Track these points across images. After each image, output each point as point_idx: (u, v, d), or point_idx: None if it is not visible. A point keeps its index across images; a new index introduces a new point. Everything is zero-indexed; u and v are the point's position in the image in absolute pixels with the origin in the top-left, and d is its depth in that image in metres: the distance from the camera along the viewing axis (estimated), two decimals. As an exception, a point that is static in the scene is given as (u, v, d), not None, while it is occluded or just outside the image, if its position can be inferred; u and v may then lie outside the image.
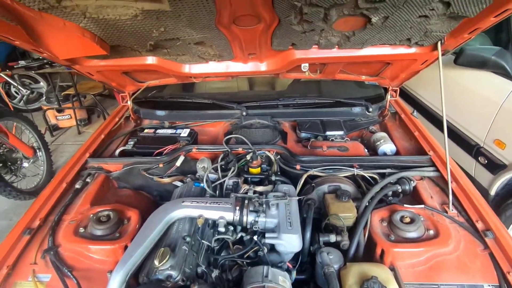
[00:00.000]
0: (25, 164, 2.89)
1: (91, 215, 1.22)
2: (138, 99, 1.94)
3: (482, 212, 1.14)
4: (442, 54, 1.27)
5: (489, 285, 0.98)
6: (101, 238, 1.16)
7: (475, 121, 2.15)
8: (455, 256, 1.05)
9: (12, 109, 3.64)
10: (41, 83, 4.84)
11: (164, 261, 1.04)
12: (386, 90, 1.90)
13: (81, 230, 1.19)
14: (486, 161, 2.02)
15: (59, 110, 4.11)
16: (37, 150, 2.98)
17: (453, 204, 1.20)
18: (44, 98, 4.57)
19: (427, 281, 1.01)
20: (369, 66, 1.61)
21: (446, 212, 1.19)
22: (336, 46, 1.28)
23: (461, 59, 2.10)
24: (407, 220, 1.15)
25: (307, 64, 1.43)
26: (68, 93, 4.08)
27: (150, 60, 1.38)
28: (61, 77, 4.30)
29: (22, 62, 3.58)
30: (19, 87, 3.94)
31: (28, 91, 4.53)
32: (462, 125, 2.27)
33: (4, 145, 2.57)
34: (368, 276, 0.98)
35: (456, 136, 2.28)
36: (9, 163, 2.66)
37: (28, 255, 1.11)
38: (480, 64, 2.02)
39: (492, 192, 2.00)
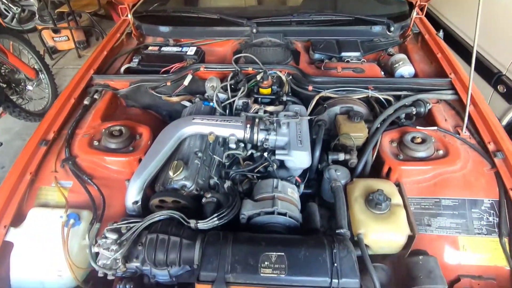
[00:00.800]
0: (29, 87, 2.84)
1: (104, 130, 1.23)
2: (139, 13, 1.79)
3: (496, 134, 1.13)
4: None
5: (489, 200, 1.03)
6: (115, 151, 1.19)
7: (501, 46, 1.98)
8: (461, 174, 1.08)
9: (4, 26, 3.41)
10: (32, 0, 4.45)
11: (178, 172, 1.09)
12: (411, 7, 1.71)
13: (95, 143, 1.22)
14: (505, 90, 1.94)
15: (55, 31, 3.86)
16: (39, 72, 2.89)
17: (467, 126, 1.19)
18: (37, 16, 4.26)
19: (430, 196, 1.06)
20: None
21: (459, 134, 1.18)
22: None
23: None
24: (419, 140, 1.15)
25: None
26: (62, 11, 3.77)
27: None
28: (52, -9, 3.92)
29: (7, -28, 3.22)
30: (9, 3, 3.65)
31: (19, 9, 4.21)
32: (486, 50, 2.11)
33: (4, 65, 2.48)
34: (374, 190, 1.02)
35: (477, 62, 2.14)
36: (13, 84, 2.62)
37: (48, 164, 1.16)
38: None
39: (504, 122, 1.97)
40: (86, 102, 1.38)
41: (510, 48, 1.91)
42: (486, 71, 2.10)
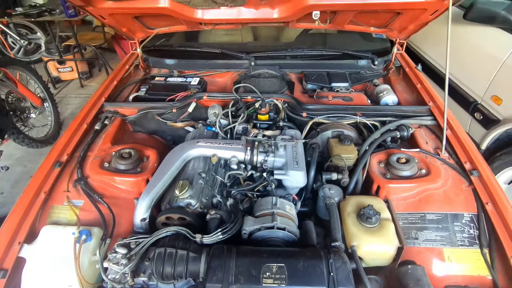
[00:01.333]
0: (32, 115, 2.95)
1: (114, 152, 1.33)
2: (147, 48, 1.96)
3: (471, 155, 1.26)
4: (453, 4, 1.29)
5: (468, 214, 1.13)
6: (124, 172, 1.28)
7: (476, 77, 2.20)
8: (442, 191, 1.19)
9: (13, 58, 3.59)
10: (38, 34, 4.70)
11: (184, 191, 1.17)
12: (392, 44, 1.92)
13: (106, 164, 1.31)
14: (481, 117, 2.12)
15: (60, 62, 4.05)
16: (44, 101, 3.02)
17: (445, 148, 1.32)
18: (42, 49, 4.47)
19: (416, 211, 1.16)
20: (378, 16, 1.61)
21: (439, 155, 1.31)
22: (349, -7, 1.30)
23: (470, 13, 2.08)
24: (403, 160, 1.27)
25: (318, 12, 1.45)
26: (68, 44, 3.99)
27: (163, 3, 1.39)
28: (59, 27, 4.16)
29: (19, 9, 3.45)
30: (16, 37, 3.85)
31: (26, 42, 4.42)
32: (463, 82, 2.33)
33: (12, 94, 2.60)
34: (365, 205, 1.12)
35: (455, 93, 2.35)
36: (18, 112, 2.72)
37: (61, 184, 1.24)
38: (489, 19, 2.02)
39: (483, 146, 2.12)
40: (97, 127, 1.49)
41: (483, 80, 2.12)
42: (464, 100, 2.29)
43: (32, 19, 3.43)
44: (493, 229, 1.07)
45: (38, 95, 2.88)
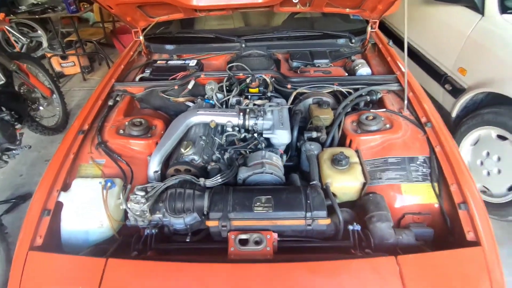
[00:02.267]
0: (41, 107, 3.17)
1: (128, 121, 1.56)
2: (148, 35, 2.18)
3: (427, 111, 1.50)
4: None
5: (422, 157, 1.38)
6: (137, 137, 1.52)
7: (445, 53, 2.43)
8: (402, 140, 1.43)
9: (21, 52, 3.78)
10: (39, 32, 4.89)
11: (188, 149, 1.41)
12: (368, 23, 2.15)
13: (121, 131, 1.54)
14: (450, 88, 2.36)
15: (63, 57, 4.26)
16: (52, 92, 3.24)
17: (407, 107, 1.56)
18: (44, 46, 4.67)
19: (380, 156, 1.41)
20: (351, -2, 1.84)
21: (401, 113, 1.55)
22: (321, -23, 1.52)
23: (438, -6, 2.31)
24: (371, 118, 1.51)
25: (297, -4, 1.67)
26: (70, 40, 4.20)
27: (163, -8, 1.61)
28: (60, 24, 4.36)
29: (23, 7, 3.65)
30: (19, 35, 4.04)
31: (28, 40, 4.61)
32: (435, 58, 2.56)
33: (24, 85, 2.82)
34: (337, 153, 1.36)
35: (429, 67, 2.59)
36: (30, 102, 2.94)
37: (85, 148, 1.48)
38: (454, -2, 2.25)
39: (454, 114, 2.36)
40: (110, 103, 1.72)
41: (451, 54, 2.35)
42: (436, 74, 2.53)
43: (36, 16, 3.64)
44: (440, 166, 1.31)
45: (48, 87, 3.10)
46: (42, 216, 1.20)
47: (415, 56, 2.77)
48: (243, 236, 1.12)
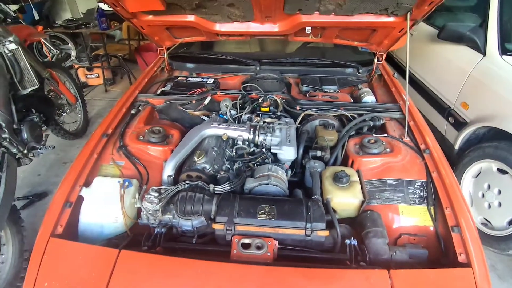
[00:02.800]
0: (64, 113, 3.38)
1: (147, 129, 1.71)
2: (172, 54, 2.38)
3: (426, 139, 1.59)
4: (412, 24, 1.68)
5: (420, 181, 1.46)
6: (155, 143, 1.65)
7: (449, 87, 2.55)
8: (401, 164, 1.52)
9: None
10: (69, 44, 5.27)
11: (201, 157, 1.54)
12: (375, 55, 2.31)
13: (141, 137, 1.68)
14: (453, 121, 2.45)
15: (89, 69, 4.56)
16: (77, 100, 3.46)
17: (407, 134, 1.66)
18: (72, 58, 5.01)
19: (380, 178, 1.49)
20: (359, 32, 2.01)
21: (402, 139, 1.65)
22: (333, 13, 1.69)
23: (443, 33, 2.47)
24: (372, 141, 1.61)
25: (310, 28, 1.85)
26: (97, 54, 4.52)
27: (190, 18, 1.80)
28: (90, 39, 4.71)
29: (60, 22, 3.99)
30: (51, 46, 4.39)
31: (58, 51, 4.97)
32: (439, 92, 2.68)
33: (53, 91, 3.05)
34: (339, 171, 1.46)
35: (433, 101, 2.71)
36: (56, 107, 3.15)
37: (107, 149, 1.61)
38: (458, 38, 2.40)
39: (456, 146, 2.44)
40: (133, 111, 1.88)
41: (454, 89, 2.48)
42: (440, 107, 2.64)
43: (71, 31, 3.97)
44: (436, 191, 1.39)
45: (73, 95, 3.33)
46: (65, 207, 1.32)
47: (421, 89, 2.90)
48: (246, 241, 1.21)
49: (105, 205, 1.37)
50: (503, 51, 2.19)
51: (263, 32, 1.91)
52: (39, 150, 2.16)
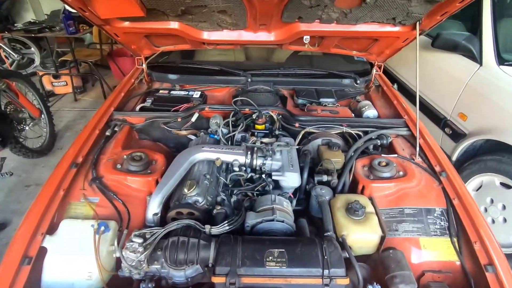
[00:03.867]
0: (27, 126, 3.00)
1: (126, 155, 1.45)
2: (151, 64, 2.12)
3: (440, 159, 1.47)
4: (420, 34, 1.55)
5: (439, 208, 1.32)
6: (136, 173, 1.40)
7: (445, 97, 2.49)
8: (417, 189, 1.38)
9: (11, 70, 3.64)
10: (32, 49, 4.78)
11: (192, 189, 1.31)
12: (371, 66, 2.18)
13: (118, 166, 1.42)
14: (450, 132, 2.38)
15: (55, 76, 4.14)
16: (41, 112, 3.08)
17: (419, 154, 1.53)
18: (36, 63, 4.55)
19: (395, 206, 1.34)
20: (359, 42, 1.87)
21: (413, 160, 1.51)
22: (335, 21, 1.53)
23: (437, 42, 2.40)
24: (384, 164, 1.46)
25: (308, 37, 1.67)
26: (65, 59, 4.10)
27: (173, 25, 1.57)
28: (56, 43, 4.28)
29: (19, 25, 3.56)
30: (10, 51, 3.94)
31: (20, 56, 4.49)
32: (434, 101, 2.62)
33: (11, 104, 2.67)
34: (352, 201, 1.29)
35: (428, 111, 2.64)
36: (16, 123, 2.77)
37: (77, 183, 1.34)
38: (453, 47, 2.34)
39: (454, 158, 2.37)
40: (107, 133, 1.61)
41: (450, 99, 2.41)
42: (435, 117, 2.58)
43: (32, 35, 3.55)
44: (460, 220, 1.25)
45: (37, 107, 2.95)
46: (22, 265, 1.04)
47: (413, 97, 2.82)
48: (254, 297, 1.00)
49: (76, 257, 1.11)
50: (500, 61, 2.14)
51: (256, 41, 1.72)
52: (-8, 179, 1.82)
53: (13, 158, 2.86)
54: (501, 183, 2.01)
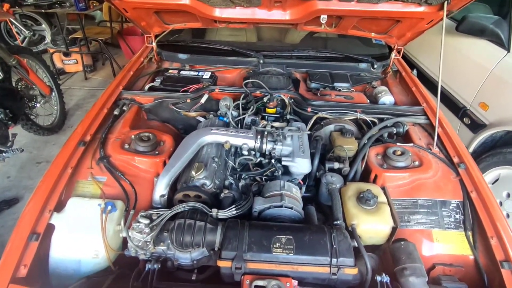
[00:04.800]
0: (38, 104, 3.00)
1: (134, 135, 1.43)
2: (161, 42, 2.06)
3: (459, 150, 1.40)
4: (447, 15, 1.44)
5: (455, 201, 1.26)
6: (143, 153, 1.38)
7: (466, 85, 2.37)
8: (433, 181, 1.32)
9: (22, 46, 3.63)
10: (43, 25, 4.75)
11: (200, 172, 1.28)
12: (390, 50, 2.07)
13: (126, 146, 1.40)
14: (469, 122, 2.28)
15: (66, 54, 4.11)
16: (51, 90, 3.08)
17: (436, 144, 1.46)
18: (47, 41, 4.53)
19: (409, 197, 1.29)
20: (379, 23, 1.76)
21: (430, 149, 1.45)
22: (355, 0, 1.43)
23: (462, 26, 2.26)
24: (398, 153, 1.40)
25: (325, 16, 1.58)
26: (75, 37, 4.06)
27: (184, 0, 1.50)
28: (67, 20, 4.23)
29: (30, 0, 3.51)
30: (21, 27, 3.91)
31: (31, 33, 4.47)
32: (453, 89, 2.49)
33: (22, 81, 2.67)
34: (364, 190, 1.24)
35: (447, 99, 2.52)
36: (27, 100, 2.78)
37: (84, 162, 1.33)
38: (479, 31, 2.19)
39: (471, 149, 2.28)
40: (116, 112, 1.58)
41: (471, 88, 2.29)
42: (453, 106, 2.46)
43: (43, 10, 3.50)
44: (476, 214, 1.20)
45: (47, 84, 2.95)
46: (30, 241, 1.05)
47: (432, 85, 2.70)
48: (260, 283, 0.98)
49: (82, 235, 1.11)
50: (530, 47, 2.01)
51: (270, 20, 1.64)
52: (4, 154, 1.84)
53: (25, 135, 2.89)
54: (520, 177, 1.93)
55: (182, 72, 1.95)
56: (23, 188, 2.44)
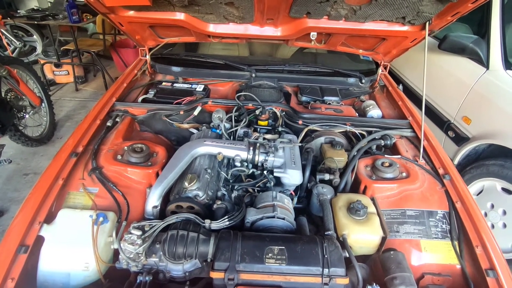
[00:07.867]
0: (27, 114, 2.97)
1: (126, 146, 1.43)
2: (155, 55, 2.10)
3: (444, 162, 1.45)
4: (429, 34, 1.53)
5: (441, 211, 1.31)
6: (136, 164, 1.38)
7: (449, 100, 2.47)
8: (420, 191, 1.36)
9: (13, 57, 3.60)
10: (34, 36, 4.74)
11: (192, 183, 1.29)
12: (377, 66, 2.16)
13: (119, 157, 1.40)
14: (453, 135, 2.37)
15: (57, 65, 4.10)
16: (41, 101, 3.05)
17: (422, 156, 1.51)
18: (37, 51, 4.51)
19: (397, 207, 1.33)
20: (367, 40, 1.84)
21: (417, 161, 1.50)
22: (343, 18, 1.50)
23: (444, 44, 2.38)
24: (387, 164, 1.44)
25: (315, 33, 1.65)
26: (67, 48, 4.06)
27: (179, 16, 1.54)
28: (59, 31, 4.24)
29: (22, 12, 3.52)
30: (12, 38, 3.90)
31: (21, 43, 4.46)
32: (438, 104, 2.60)
33: (12, 92, 2.64)
34: (354, 201, 1.27)
35: (431, 113, 2.62)
36: (16, 110, 2.75)
37: (77, 173, 1.32)
38: (460, 50, 2.31)
39: (456, 161, 2.36)
40: (108, 123, 1.59)
41: (455, 102, 2.39)
42: (438, 119, 2.56)
43: (35, 22, 3.51)
44: (462, 224, 1.24)
45: (37, 95, 2.92)
46: (18, 253, 1.03)
47: (417, 99, 2.81)
48: (253, 293, 0.99)
49: (73, 247, 1.10)
50: (507, 65, 2.12)
51: (262, 36, 1.69)
52: (-9, 166, 1.80)
53: (12, 146, 2.84)
54: (503, 188, 2.00)
55: (175, 84, 1.97)
56: (8, 201, 2.37)
